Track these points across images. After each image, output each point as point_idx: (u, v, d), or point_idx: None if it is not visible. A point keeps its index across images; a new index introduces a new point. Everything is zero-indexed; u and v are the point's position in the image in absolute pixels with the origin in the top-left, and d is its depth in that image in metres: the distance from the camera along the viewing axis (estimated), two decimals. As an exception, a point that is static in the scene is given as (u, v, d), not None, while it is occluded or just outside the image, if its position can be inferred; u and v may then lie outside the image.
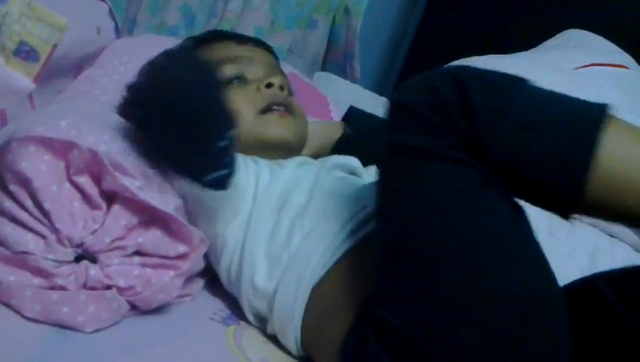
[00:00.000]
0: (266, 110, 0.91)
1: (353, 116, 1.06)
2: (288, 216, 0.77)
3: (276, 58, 1.06)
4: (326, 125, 1.05)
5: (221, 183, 0.74)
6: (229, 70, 0.94)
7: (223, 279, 0.80)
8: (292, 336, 0.73)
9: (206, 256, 0.79)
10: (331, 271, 0.72)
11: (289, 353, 0.75)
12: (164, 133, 0.72)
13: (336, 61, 1.93)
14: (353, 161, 0.93)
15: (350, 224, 0.74)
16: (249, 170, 0.82)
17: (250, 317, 0.78)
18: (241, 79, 0.94)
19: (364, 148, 0.95)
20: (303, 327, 0.73)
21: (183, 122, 0.71)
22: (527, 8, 1.89)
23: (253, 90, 0.92)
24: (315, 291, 0.72)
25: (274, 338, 0.77)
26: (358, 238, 0.73)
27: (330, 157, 0.93)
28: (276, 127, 0.90)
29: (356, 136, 1.00)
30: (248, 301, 0.77)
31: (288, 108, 0.92)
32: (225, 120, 0.74)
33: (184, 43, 1.05)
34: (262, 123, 0.90)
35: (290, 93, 0.99)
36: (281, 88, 0.93)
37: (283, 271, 0.74)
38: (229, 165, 0.74)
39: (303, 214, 0.77)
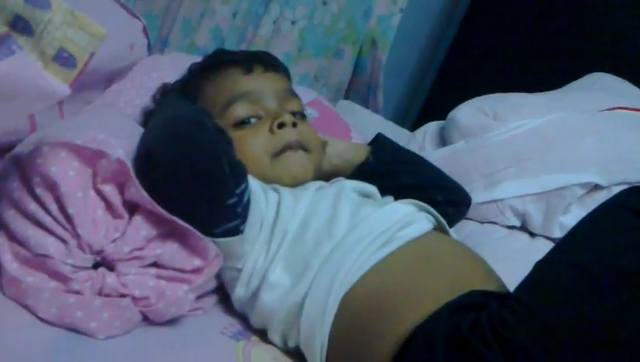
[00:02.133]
0: (281, 153, 0.91)
1: (380, 143, 1.05)
2: (314, 228, 0.79)
3: (286, 74, 1.03)
4: (353, 147, 1.05)
5: (233, 232, 0.76)
6: (238, 110, 0.92)
7: (237, 304, 0.81)
8: (319, 343, 0.73)
9: (218, 275, 0.80)
10: (365, 276, 0.74)
11: None
12: (173, 198, 0.73)
13: (359, 91, 1.95)
14: (369, 187, 0.93)
15: (383, 235, 0.78)
16: (269, 202, 0.83)
17: (276, 339, 0.78)
18: (251, 119, 0.92)
19: (384, 178, 0.97)
20: (333, 330, 0.73)
21: (190, 187, 0.74)
22: (552, 47, 1.90)
23: (265, 132, 0.91)
24: (348, 295, 0.74)
25: (284, 355, 0.77)
26: (393, 249, 0.77)
27: (345, 181, 0.95)
28: (292, 170, 0.90)
29: (378, 164, 1.00)
30: (265, 319, 0.78)
31: (302, 146, 0.92)
32: (234, 177, 0.76)
33: (191, 69, 1.04)
34: (277, 166, 0.90)
35: (303, 116, 0.99)
36: (294, 125, 0.92)
37: (314, 276, 0.75)
38: (240, 215, 0.76)
39: (330, 226, 0.79)
